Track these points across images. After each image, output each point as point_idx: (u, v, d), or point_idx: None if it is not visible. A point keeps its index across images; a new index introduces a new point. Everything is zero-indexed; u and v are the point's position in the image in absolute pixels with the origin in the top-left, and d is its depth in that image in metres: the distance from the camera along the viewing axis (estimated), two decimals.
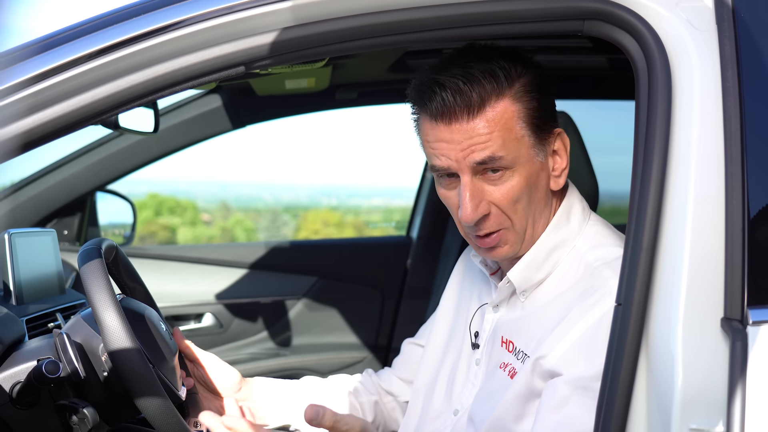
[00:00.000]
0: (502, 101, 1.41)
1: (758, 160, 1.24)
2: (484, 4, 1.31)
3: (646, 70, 1.29)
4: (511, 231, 1.47)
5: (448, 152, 1.42)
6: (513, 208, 1.45)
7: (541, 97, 1.45)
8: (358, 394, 1.83)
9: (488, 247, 1.49)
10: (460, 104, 1.39)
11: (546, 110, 1.46)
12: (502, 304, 1.58)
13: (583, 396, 1.35)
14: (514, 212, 1.46)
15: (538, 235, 1.51)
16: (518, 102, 1.42)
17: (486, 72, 1.41)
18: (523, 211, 1.46)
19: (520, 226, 1.47)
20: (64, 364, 1.39)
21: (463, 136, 1.40)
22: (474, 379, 1.59)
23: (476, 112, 1.40)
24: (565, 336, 1.39)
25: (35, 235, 1.97)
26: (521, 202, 1.45)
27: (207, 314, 3.13)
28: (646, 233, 1.25)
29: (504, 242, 1.48)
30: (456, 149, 1.41)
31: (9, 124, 1.20)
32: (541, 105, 1.45)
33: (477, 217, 1.43)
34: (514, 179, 1.43)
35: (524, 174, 1.44)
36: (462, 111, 1.40)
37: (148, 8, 1.26)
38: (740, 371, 1.17)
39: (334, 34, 1.29)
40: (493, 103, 1.40)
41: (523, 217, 1.47)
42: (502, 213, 1.45)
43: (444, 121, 1.41)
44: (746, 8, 1.29)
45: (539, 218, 1.50)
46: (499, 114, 1.41)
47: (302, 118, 3.21)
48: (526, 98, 1.43)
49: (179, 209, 15.08)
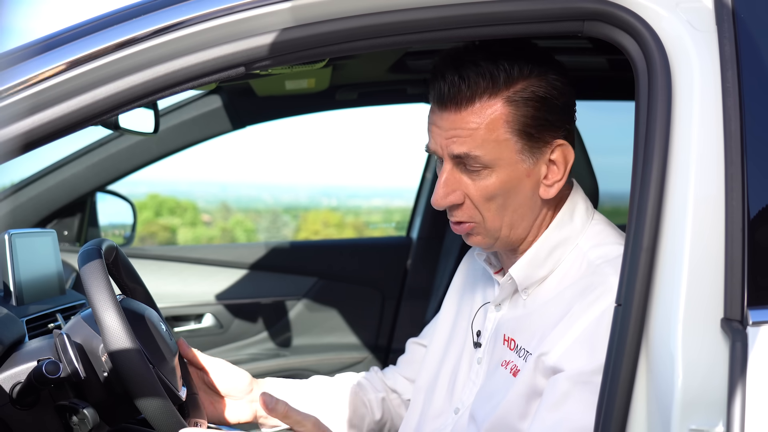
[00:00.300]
0: (493, 101, 1.42)
1: (758, 160, 1.24)
2: (484, 5, 1.31)
3: (646, 70, 1.29)
4: (482, 227, 1.49)
5: (436, 137, 1.47)
6: (486, 205, 1.47)
7: (543, 105, 1.44)
8: (365, 392, 1.84)
9: (460, 232, 1.52)
10: (452, 96, 1.43)
11: (546, 120, 1.45)
12: (505, 303, 1.58)
13: (583, 391, 1.35)
14: (487, 210, 1.47)
15: (519, 236, 1.51)
16: (510, 105, 1.42)
17: (485, 71, 1.42)
18: (497, 211, 1.47)
19: (491, 225, 1.48)
20: (65, 364, 1.39)
21: (449, 125, 1.44)
22: (475, 378, 1.59)
23: (465, 106, 1.43)
24: (567, 333, 1.40)
25: (35, 235, 1.97)
26: (495, 201, 1.46)
27: (207, 315, 3.13)
28: (646, 233, 1.25)
29: (476, 233, 1.51)
30: (442, 136, 1.46)
31: (9, 125, 1.20)
32: (540, 114, 1.44)
33: (444, 205, 1.48)
34: (491, 178, 1.45)
35: (502, 176, 1.45)
36: (453, 102, 1.43)
37: (148, 9, 1.26)
38: (740, 372, 1.17)
39: (334, 34, 1.29)
40: (484, 101, 1.42)
41: (496, 217, 1.48)
42: (474, 207, 1.48)
43: (439, 107, 1.46)
44: (746, 9, 1.29)
45: (519, 222, 1.49)
46: (487, 114, 1.43)
47: (302, 119, 3.22)
48: (521, 104, 1.43)
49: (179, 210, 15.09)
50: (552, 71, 1.46)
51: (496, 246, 1.53)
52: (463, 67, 1.43)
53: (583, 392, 1.35)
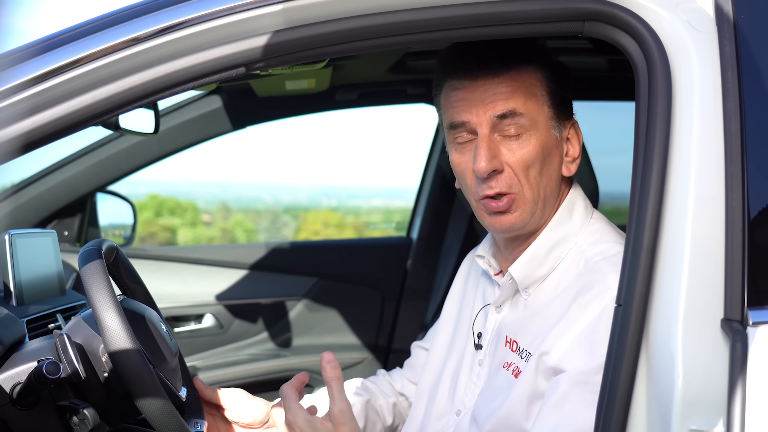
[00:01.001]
0: (526, 68, 1.48)
1: (758, 160, 1.24)
2: (484, 6, 1.31)
3: (646, 71, 1.29)
4: (522, 197, 1.48)
5: (469, 107, 1.47)
6: (525, 172, 1.47)
7: (564, 81, 1.51)
8: (376, 398, 1.83)
9: (499, 211, 1.49)
10: (485, 63, 1.46)
11: (566, 96, 1.52)
12: (505, 304, 1.58)
13: (583, 391, 1.35)
14: (526, 178, 1.47)
15: (545, 218, 1.52)
16: (541, 71, 1.48)
17: (515, 41, 1.47)
18: (535, 179, 1.48)
19: (530, 194, 1.48)
20: (65, 364, 1.39)
21: (486, 92, 1.46)
22: (476, 380, 1.59)
23: (501, 72, 1.46)
24: (567, 332, 1.40)
25: (35, 236, 1.97)
26: (534, 168, 1.47)
27: (207, 315, 3.13)
28: (647, 234, 1.25)
29: (515, 208, 1.49)
30: (478, 103, 1.47)
31: (10, 125, 1.20)
32: (561, 89, 1.51)
33: (490, 168, 1.45)
34: (531, 143, 1.47)
35: (540, 141, 1.47)
36: (488, 71, 1.46)
37: (148, 9, 1.26)
38: (740, 372, 1.17)
39: (334, 35, 1.29)
40: (519, 66, 1.47)
41: (534, 186, 1.48)
42: (514, 175, 1.47)
43: (470, 78, 1.47)
44: (746, 9, 1.29)
45: (550, 197, 1.51)
46: (523, 76, 1.47)
47: (302, 119, 3.22)
48: (548, 72, 1.49)
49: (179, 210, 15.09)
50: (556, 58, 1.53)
51: (529, 225, 1.51)
52: (490, 43, 1.46)
53: (583, 392, 1.35)
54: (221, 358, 3.12)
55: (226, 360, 3.12)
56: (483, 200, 1.50)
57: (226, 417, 1.71)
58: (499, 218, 1.50)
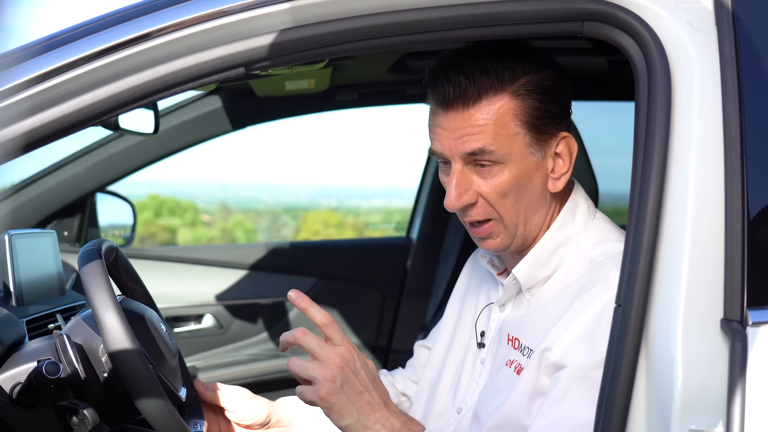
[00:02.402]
0: (500, 96, 1.43)
1: (758, 161, 1.24)
2: (484, 6, 1.31)
3: (646, 71, 1.29)
4: (501, 224, 1.49)
5: (443, 139, 1.47)
6: (501, 202, 1.47)
7: (546, 98, 1.46)
8: None
9: (480, 237, 1.51)
10: (458, 95, 1.43)
11: (550, 112, 1.47)
12: (509, 303, 1.59)
13: (582, 387, 1.35)
14: (503, 207, 1.47)
15: (533, 233, 1.52)
16: (517, 99, 1.44)
17: (490, 67, 1.43)
18: (512, 206, 1.48)
19: (509, 221, 1.49)
20: (65, 365, 1.39)
21: (457, 125, 1.44)
22: (478, 378, 1.60)
23: (472, 104, 1.43)
24: (569, 328, 1.40)
25: (35, 236, 1.97)
26: (509, 197, 1.47)
27: (207, 315, 3.13)
28: (646, 234, 1.25)
29: (495, 234, 1.50)
30: (450, 137, 1.45)
31: (9, 125, 1.20)
32: (544, 106, 1.46)
33: (459, 206, 1.47)
34: (504, 174, 1.45)
35: (514, 171, 1.45)
36: (459, 101, 1.43)
37: (148, 10, 1.27)
38: (740, 372, 1.17)
39: (333, 35, 1.29)
40: (491, 97, 1.43)
41: (512, 213, 1.48)
42: (488, 204, 1.48)
43: (443, 108, 1.46)
44: (746, 9, 1.29)
45: (532, 216, 1.50)
46: (495, 109, 1.43)
47: (302, 119, 3.22)
48: (526, 97, 1.44)
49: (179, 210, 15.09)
50: (550, 66, 1.49)
51: (513, 245, 1.52)
52: (466, 66, 1.44)
53: (582, 388, 1.35)
54: (221, 358, 3.12)
55: (226, 360, 3.12)
56: (466, 223, 1.52)
57: (227, 417, 1.71)
58: (483, 242, 1.53)
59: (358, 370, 1.41)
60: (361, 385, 1.40)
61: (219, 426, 1.70)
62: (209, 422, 1.69)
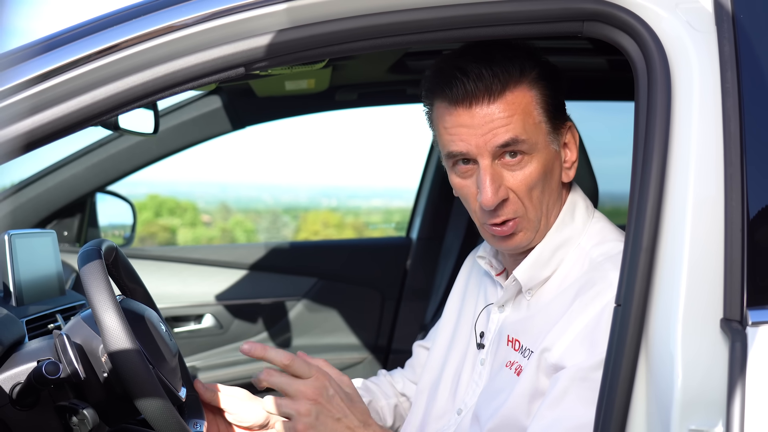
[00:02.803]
0: (520, 86, 1.44)
1: (757, 161, 1.24)
2: (484, 6, 1.31)
3: (646, 71, 1.29)
4: (526, 219, 1.49)
5: (468, 137, 1.44)
6: (529, 195, 1.47)
7: (555, 86, 1.49)
8: (377, 399, 1.83)
9: (504, 235, 1.49)
10: (481, 89, 1.42)
11: (559, 101, 1.50)
12: (508, 304, 1.59)
13: (580, 388, 1.35)
14: (530, 200, 1.47)
15: (549, 227, 1.52)
16: (534, 88, 1.46)
17: (506, 59, 1.44)
18: (538, 199, 1.48)
19: (534, 214, 1.49)
20: (64, 365, 1.39)
21: (483, 120, 1.43)
22: (478, 379, 1.60)
23: (497, 97, 1.43)
24: (568, 329, 1.40)
25: (35, 236, 1.97)
26: (537, 189, 1.47)
27: (207, 315, 3.13)
28: (646, 234, 1.25)
29: (519, 230, 1.49)
30: (476, 134, 1.43)
31: (9, 126, 1.20)
32: (554, 94, 1.49)
33: (497, 201, 1.44)
34: (532, 165, 1.45)
35: (541, 161, 1.46)
36: (483, 96, 1.42)
37: (148, 10, 1.27)
38: (739, 372, 1.17)
39: (333, 35, 1.29)
40: (512, 88, 1.44)
41: (537, 206, 1.48)
42: (518, 200, 1.47)
43: (464, 105, 1.43)
44: (745, 9, 1.29)
45: (552, 209, 1.52)
46: (518, 98, 1.44)
47: (302, 119, 3.22)
48: (541, 85, 1.46)
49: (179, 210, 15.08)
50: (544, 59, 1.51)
51: (535, 240, 1.51)
52: (483, 61, 1.43)
53: (580, 389, 1.35)
54: (221, 358, 3.12)
55: (226, 360, 3.12)
56: (488, 226, 1.50)
57: (226, 418, 1.71)
58: (505, 241, 1.50)
59: (332, 397, 1.42)
60: (338, 412, 1.41)
61: (218, 427, 1.70)
62: (209, 423, 1.68)
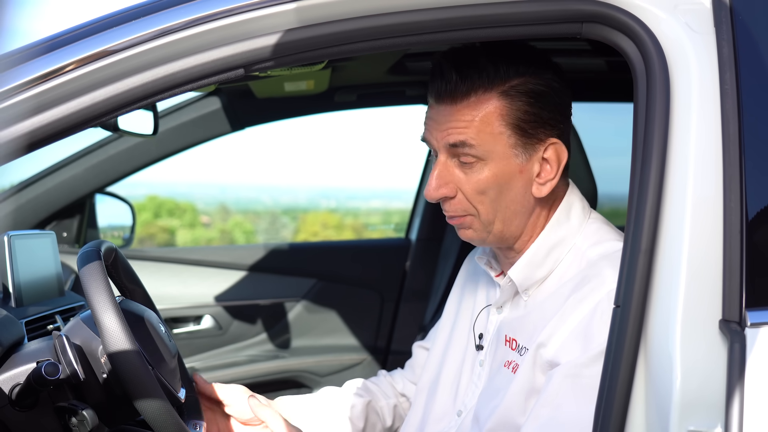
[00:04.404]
0: (488, 95, 1.46)
1: (756, 162, 1.25)
2: (483, 7, 1.31)
3: (645, 72, 1.29)
4: (477, 219, 1.51)
5: (432, 130, 1.50)
6: (479, 198, 1.49)
7: (538, 102, 1.46)
8: (376, 399, 1.84)
9: (457, 225, 1.54)
10: (448, 90, 1.47)
11: (540, 117, 1.47)
12: (506, 305, 1.59)
13: (574, 384, 1.36)
14: (480, 203, 1.49)
15: (513, 234, 1.52)
16: (505, 100, 1.46)
17: (482, 67, 1.46)
18: (490, 204, 1.49)
19: (485, 218, 1.50)
20: (64, 366, 1.39)
21: (445, 118, 1.47)
22: (477, 380, 1.60)
23: (461, 100, 1.46)
24: (562, 326, 1.41)
25: (34, 237, 1.97)
26: (487, 195, 1.48)
27: (206, 316, 3.13)
28: (645, 235, 1.25)
29: (468, 226, 1.52)
30: (438, 128, 1.49)
31: (8, 127, 1.20)
32: (534, 110, 1.46)
33: (437, 196, 1.50)
34: (484, 172, 1.47)
35: (495, 170, 1.47)
36: (449, 96, 1.47)
37: (147, 11, 1.27)
38: (738, 373, 1.17)
39: (333, 36, 1.29)
40: (479, 95, 1.46)
41: (489, 210, 1.49)
42: (466, 200, 1.49)
43: (436, 101, 1.50)
44: (744, 10, 1.29)
45: (512, 218, 1.51)
46: (482, 107, 1.46)
47: (301, 120, 3.22)
48: (516, 99, 1.45)
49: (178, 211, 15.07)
50: (549, 71, 1.49)
51: (489, 240, 1.53)
52: (461, 64, 1.46)
53: (574, 386, 1.36)
54: (220, 359, 3.12)
55: (225, 361, 3.12)
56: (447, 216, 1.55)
57: (225, 413, 1.71)
58: (460, 231, 1.55)
59: None
60: None
61: (218, 424, 1.71)
62: (207, 419, 1.69)
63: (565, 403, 1.36)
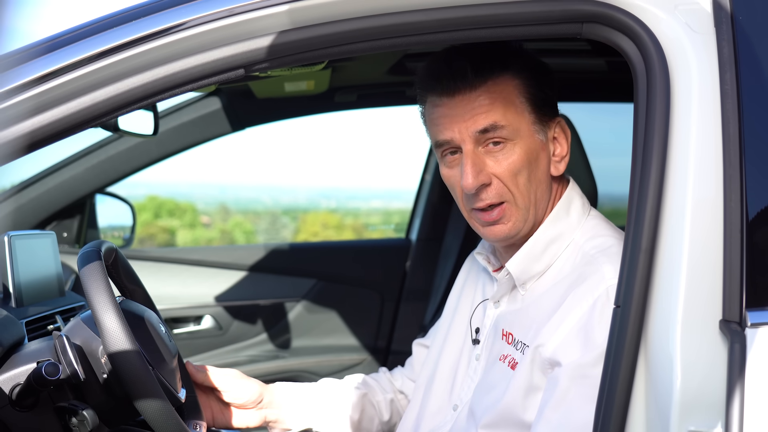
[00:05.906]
0: (502, 76, 1.48)
1: (756, 162, 1.25)
2: (483, 8, 1.31)
3: (645, 72, 1.29)
4: (514, 206, 1.50)
5: (451, 125, 1.48)
6: (514, 180, 1.48)
7: (542, 78, 1.51)
8: (374, 393, 1.85)
9: (491, 222, 1.51)
10: (464, 79, 1.46)
11: (546, 94, 1.52)
12: (503, 299, 1.59)
13: (581, 386, 1.36)
14: (516, 185, 1.49)
15: (539, 218, 1.53)
16: (518, 78, 1.49)
17: (489, 51, 1.48)
18: (525, 186, 1.49)
19: (522, 201, 1.50)
20: (64, 366, 1.39)
21: (465, 107, 1.47)
22: (473, 375, 1.60)
23: (478, 85, 1.47)
24: (561, 324, 1.41)
25: (35, 237, 1.97)
26: (522, 175, 1.48)
27: (206, 316, 3.13)
28: (645, 235, 1.25)
29: (507, 218, 1.50)
30: (458, 120, 1.48)
31: (8, 127, 1.20)
32: (542, 85, 1.51)
33: (477, 184, 1.47)
34: (515, 152, 1.48)
35: (525, 148, 1.48)
36: (465, 86, 1.47)
37: (147, 11, 1.27)
38: (739, 373, 1.17)
39: (333, 37, 1.29)
40: (495, 77, 1.47)
41: (525, 192, 1.49)
42: (503, 185, 1.49)
43: (448, 95, 1.48)
44: (744, 11, 1.29)
45: (541, 200, 1.52)
46: (500, 87, 1.47)
47: (301, 121, 3.22)
48: (525, 76, 1.49)
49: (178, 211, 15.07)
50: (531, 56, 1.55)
51: (523, 230, 1.52)
52: (466, 55, 1.47)
53: (582, 386, 1.36)
54: (220, 359, 3.12)
55: (225, 361, 3.12)
56: (474, 212, 1.52)
57: (219, 398, 1.72)
58: (493, 229, 1.52)
59: None
60: None
61: (212, 409, 1.72)
62: (203, 405, 1.70)
63: (575, 404, 1.36)
